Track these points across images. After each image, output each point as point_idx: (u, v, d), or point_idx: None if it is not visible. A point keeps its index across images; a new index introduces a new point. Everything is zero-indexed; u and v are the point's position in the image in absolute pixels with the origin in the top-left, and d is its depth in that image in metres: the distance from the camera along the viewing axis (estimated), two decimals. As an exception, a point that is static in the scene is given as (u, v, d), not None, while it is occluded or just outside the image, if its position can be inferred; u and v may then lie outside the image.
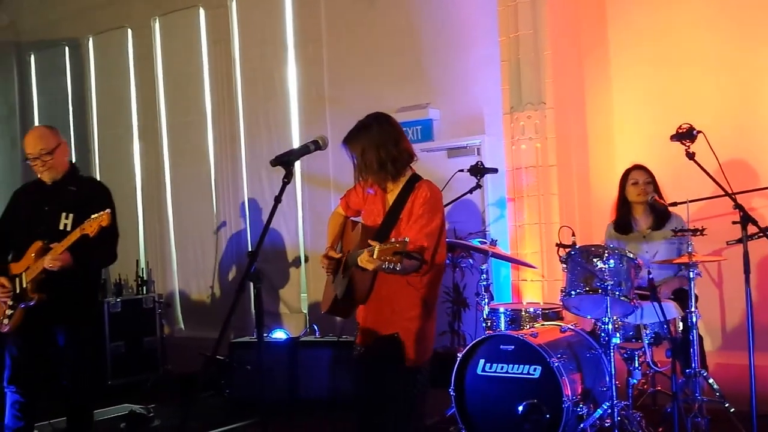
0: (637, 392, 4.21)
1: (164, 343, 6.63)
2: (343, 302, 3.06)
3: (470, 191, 5.09)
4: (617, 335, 3.87)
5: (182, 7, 7.38)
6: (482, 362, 3.97)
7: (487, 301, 4.43)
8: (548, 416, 3.73)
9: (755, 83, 4.85)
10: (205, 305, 7.32)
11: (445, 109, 5.90)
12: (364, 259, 2.65)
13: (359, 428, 3.06)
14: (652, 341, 3.92)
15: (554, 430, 3.70)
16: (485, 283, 4.45)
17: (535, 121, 5.14)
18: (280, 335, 5.67)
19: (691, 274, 3.87)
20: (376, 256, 2.55)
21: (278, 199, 2.67)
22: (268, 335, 5.56)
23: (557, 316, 4.40)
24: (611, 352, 3.77)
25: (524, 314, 4.36)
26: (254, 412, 4.96)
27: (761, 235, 3.79)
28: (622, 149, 5.29)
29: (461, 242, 4.93)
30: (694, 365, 3.89)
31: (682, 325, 3.99)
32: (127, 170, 7.86)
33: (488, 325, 4.36)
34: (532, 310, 4.40)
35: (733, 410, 3.87)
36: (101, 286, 4.30)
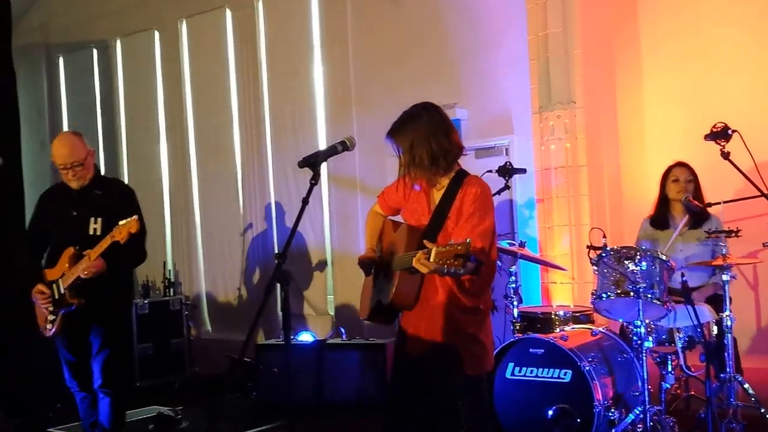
0: (670, 397, 4.18)
1: (191, 345, 6.69)
2: (386, 308, 2.85)
3: (498, 192, 5.08)
4: (650, 339, 3.85)
5: (209, 8, 7.49)
6: (511, 366, 3.98)
7: (516, 303, 4.43)
8: (579, 421, 3.73)
9: (792, 81, 4.80)
10: (231, 307, 7.40)
11: (473, 108, 5.91)
12: (419, 261, 2.47)
13: None
14: (685, 345, 3.89)
15: (585, 435, 3.69)
16: (514, 285, 4.45)
17: (564, 120, 5.13)
18: (306, 338, 5.70)
19: (725, 276, 3.84)
20: (433, 259, 2.39)
21: (306, 200, 2.65)
22: (294, 338, 5.60)
23: (588, 319, 4.38)
24: (643, 356, 3.75)
25: (554, 317, 4.35)
26: (281, 414, 5.00)
27: (799, 236, 3.75)
28: (654, 149, 5.26)
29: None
30: (728, 369, 3.86)
31: (716, 328, 3.96)
32: (154, 172, 7.99)
33: (517, 328, 4.37)
34: (562, 313, 4.39)
35: (769, 416, 3.84)
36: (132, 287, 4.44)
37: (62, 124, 8.94)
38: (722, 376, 3.88)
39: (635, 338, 3.81)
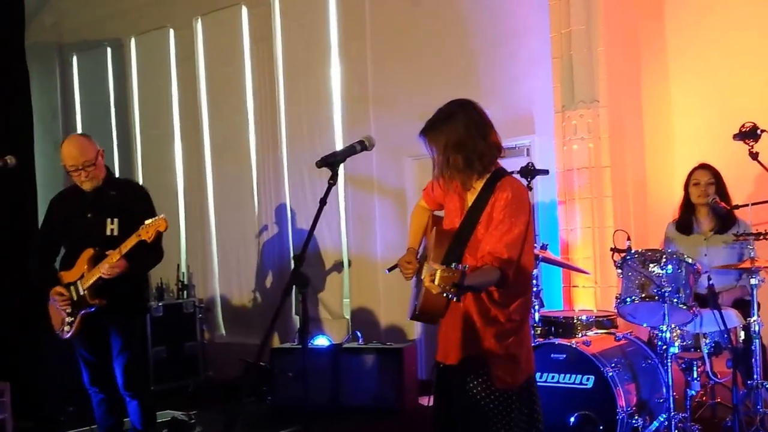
0: (695, 404, 4.19)
1: (205, 348, 6.74)
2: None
3: (520, 193, 5.08)
4: (675, 344, 3.84)
5: (224, 6, 7.52)
6: (532, 371, 3.98)
7: (537, 307, 4.43)
8: (602, 428, 3.73)
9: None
10: (246, 310, 7.43)
11: (493, 108, 5.76)
12: (426, 282, 2.37)
13: None
14: (711, 351, 3.88)
15: (608, 442, 3.68)
16: (535, 289, 4.45)
17: (587, 120, 5.11)
18: (322, 341, 5.74)
19: (753, 280, 3.82)
20: (437, 282, 2.30)
21: (324, 201, 2.64)
22: (310, 341, 5.63)
23: (611, 323, 4.38)
24: (668, 362, 3.74)
25: (576, 322, 4.34)
26: (296, 419, 5.03)
27: (830, 239, 3.72)
28: (680, 149, 5.23)
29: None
30: (756, 376, 3.84)
31: (743, 334, 3.95)
32: (169, 172, 8.04)
33: (538, 332, 4.36)
34: (584, 317, 4.38)
35: (798, 425, 3.82)
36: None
37: (76, 124, 8.98)
38: (749, 383, 3.87)
39: (660, 344, 3.80)
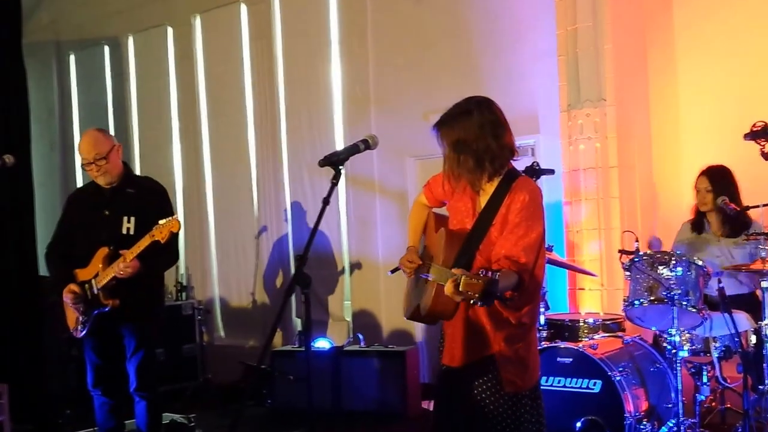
0: (705, 410, 4.15)
1: (204, 350, 6.71)
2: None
3: (524, 194, 5.05)
4: (684, 348, 3.81)
5: (223, 3, 7.50)
6: (538, 375, 3.95)
7: (542, 310, 4.40)
8: (609, 433, 3.70)
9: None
10: (245, 312, 7.40)
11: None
12: (449, 290, 2.35)
13: None
14: (721, 355, 3.86)
15: (615, 448, 3.67)
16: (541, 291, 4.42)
17: (594, 119, 5.09)
18: (323, 344, 5.72)
19: (765, 282, 3.78)
20: (462, 288, 2.27)
21: (326, 201, 2.64)
22: (311, 344, 5.61)
23: (618, 327, 4.36)
24: (677, 366, 3.72)
25: (583, 325, 4.33)
26: (296, 422, 5.01)
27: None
28: (689, 149, 5.21)
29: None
30: (767, 381, 3.80)
31: (754, 337, 3.92)
32: (167, 172, 8.00)
33: (544, 336, 4.32)
34: (591, 320, 4.37)
35: (810, 431, 3.78)
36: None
37: (73, 123, 8.99)
38: (761, 388, 3.83)
39: (669, 347, 3.78)
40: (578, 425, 3.80)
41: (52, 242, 4.18)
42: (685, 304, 3.64)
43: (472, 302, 2.32)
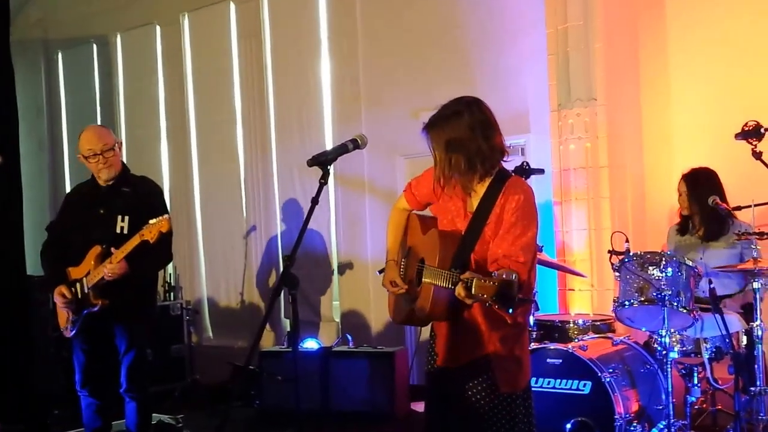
0: (695, 411, 4.13)
1: (192, 351, 6.68)
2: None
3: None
4: (675, 349, 3.79)
5: (212, 1, 7.44)
6: (527, 376, 3.91)
7: (532, 311, 4.36)
8: (599, 435, 3.67)
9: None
10: (234, 312, 7.35)
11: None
12: (459, 293, 2.37)
13: None
14: (712, 356, 3.84)
15: (605, 450, 3.64)
16: (530, 291, 4.38)
17: (584, 118, 5.05)
18: (311, 345, 5.68)
19: (756, 283, 3.76)
20: (475, 291, 2.28)
21: (315, 200, 2.62)
22: (299, 344, 5.56)
23: (608, 328, 4.35)
24: (668, 367, 3.69)
25: (572, 326, 4.32)
26: (285, 423, 4.97)
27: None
28: (681, 149, 5.18)
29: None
30: (759, 383, 3.78)
31: (745, 338, 3.89)
32: (154, 171, 7.94)
33: (534, 337, 4.29)
34: (581, 321, 4.36)
35: (801, 432, 3.76)
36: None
37: (61, 121, 8.92)
38: (752, 389, 3.81)
39: (659, 348, 3.75)
40: (568, 427, 3.78)
41: (47, 240, 4.16)
42: (675, 304, 3.61)
43: (487, 304, 2.32)
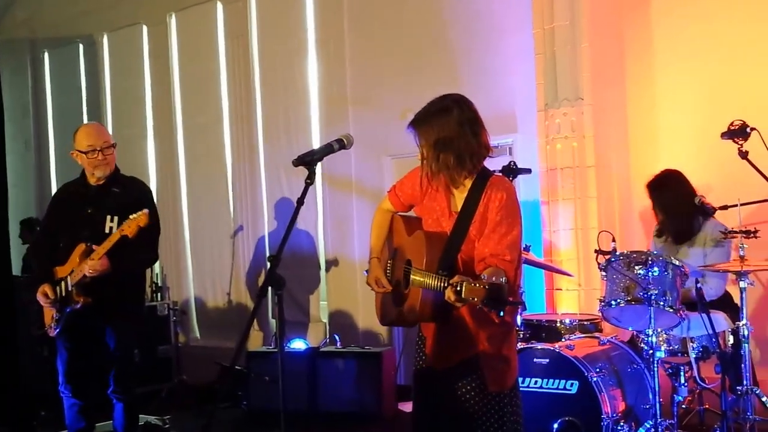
0: (682, 410, 4.11)
1: (179, 352, 6.63)
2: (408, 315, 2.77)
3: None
4: (661, 349, 3.77)
5: (199, 1, 7.40)
6: (514, 376, 3.89)
7: (519, 311, 4.33)
8: (586, 435, 3.64)
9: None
10: (221, 313, 7.31)
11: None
12: (450, 297, 2.35)
13: None
14: (699, 355, 3.82)
15: (593, 450, 3.62)
16: (517, 291, 4.36)
17: (571, 118, 5.04)
18: (299, 345, 5.65)
19: (742, 282, 3.74)
20: (465, 295, 2.27)
21: (301, 201, 2.60)
22: (286, 345, 5.52)
23: (595, 327, 4.32)
24: (655, 366, 3.68)
25: (559, 325, 4.28)
26: (272, 423, 4.91)
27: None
28: (667, 148, 5.17)
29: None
30: (745, 382, 3.76)
31: (732, 338, 3.87)
32: (141, 172, 7.85)
33: (521, 336, 4.26)
34: (567, 321, 4.33)
35: (788, 431, 3.75)
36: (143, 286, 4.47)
37: (47, 121, 8.86)
38: (739, 388, 3.78)
39: (646, 348, 3.74)
40: (555, 426, 3.76)
41: (36, 239, 4.17)
42: (662, 304, 3.59)
43: (478, 307, 2.31)
